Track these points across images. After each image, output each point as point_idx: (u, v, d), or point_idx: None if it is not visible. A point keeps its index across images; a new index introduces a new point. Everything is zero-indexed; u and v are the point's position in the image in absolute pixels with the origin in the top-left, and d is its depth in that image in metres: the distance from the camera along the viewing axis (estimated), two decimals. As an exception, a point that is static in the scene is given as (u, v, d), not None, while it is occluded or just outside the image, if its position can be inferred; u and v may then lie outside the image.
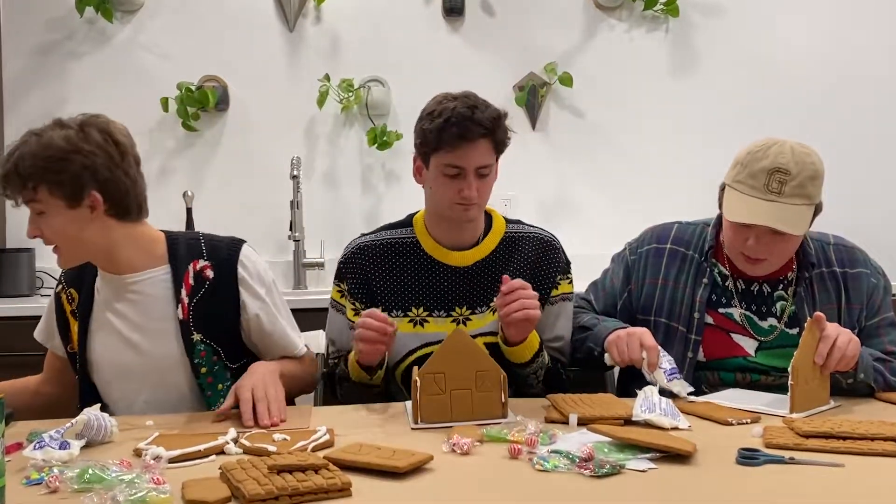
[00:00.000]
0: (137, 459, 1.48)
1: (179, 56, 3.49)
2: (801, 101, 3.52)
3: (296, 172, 3.37)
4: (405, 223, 2.10)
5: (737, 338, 1.99)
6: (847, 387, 1.87)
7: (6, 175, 1.77)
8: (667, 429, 1.61)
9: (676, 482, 1.37)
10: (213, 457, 1.51)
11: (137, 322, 1.89)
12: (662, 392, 1.75)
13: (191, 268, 1.91)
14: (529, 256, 2.04)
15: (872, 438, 1.52)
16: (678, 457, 1.45)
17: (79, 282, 1.95)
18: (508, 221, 2.10)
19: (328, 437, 1.58)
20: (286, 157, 3.40)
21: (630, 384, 1.95)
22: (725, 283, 2.02)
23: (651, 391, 1.72)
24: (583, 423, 1.63)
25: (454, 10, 3.53)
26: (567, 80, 3.49)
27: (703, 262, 2.03)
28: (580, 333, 2.04)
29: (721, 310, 2.01)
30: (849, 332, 1.79)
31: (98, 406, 1.66)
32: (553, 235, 2.12)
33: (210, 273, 1.91)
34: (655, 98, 3.58)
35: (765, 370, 1.96)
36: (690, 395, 1.84)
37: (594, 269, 2.30)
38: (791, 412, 1.71)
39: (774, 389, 1.91)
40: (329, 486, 1.29)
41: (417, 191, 2.11)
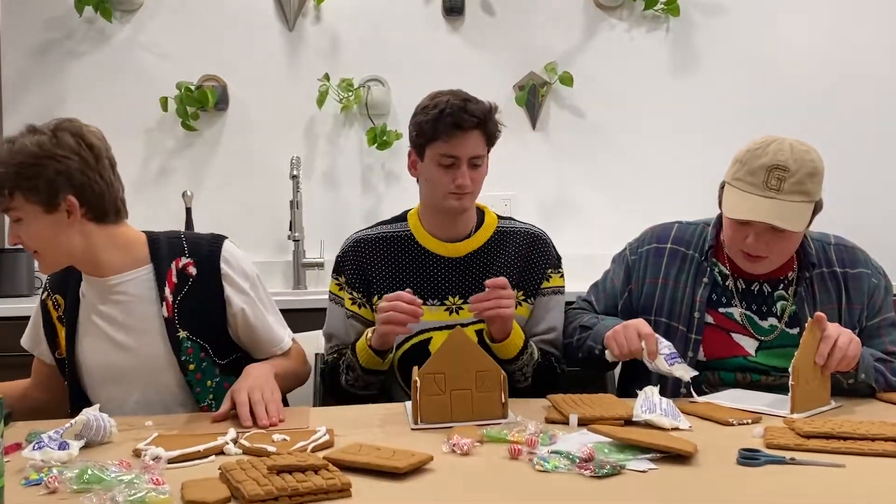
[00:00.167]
0: (137, 460, 1.47)
1: (179, 55, 3.48)
2: (802, 101, 3.51)
3: (295, 172, 3.36)
4: (400, 218, 2.18)
5: (737, 337, 1.98)
6: (848, 387, 1.87)
7: None
8: (667, 429, 1.61)
9: (677, 483, 1.37)
10: (213, 457, 1.51)
11: (123, 323, 1.89)
12: (663, 392, 1.74)
13: (173, 266, 1.91)
14: (520, 250, 2.12)
15: (873, 439, 1.52)
16: (679, 457, 1.45)
17: (63, 287, 1.95)
18: (500, 217, 2.18)
19: (328, 438, 1.58)
20: (286, 157, 3.40)
21: (631, 384, 1.95)
22: (726, 283, 2.01)
23: (651, 391, 1.72)
24: (583, 424, 1.63)
25: (454, 10, 3.52)
26: (567, 80, 3.49)
27: (704, 262, 2.03)
28: (581, 333, 2.04)
29: (721, 309, 2.00)
30: (850, 333, 1.79)
31: (97, 406, 1.66)
32: (543, 231, 2.19)
33: (193, 270, 1.92)
34: (656, 98, 3.58)
35: (765, 370, 1.96)
36: (696, 397, 1.84)
37: (594, 269, 2.30)
38: (792, 412, 1.71)
39: (775, 389, 1.90)
40: (329, 487, 1.29)
41: (417, 190, 2.13)
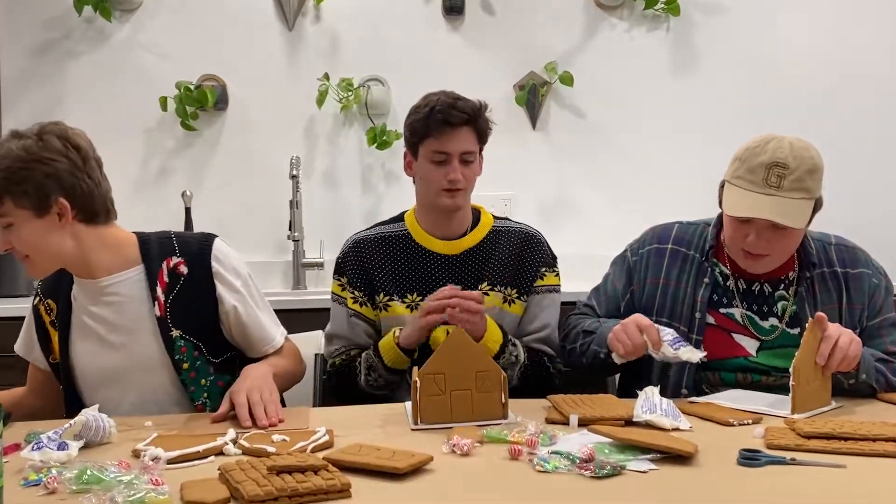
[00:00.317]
0: (136, 460, 1.47)
1: (178, 55, 3.48)
2: (802, 101, 3.50)
3: (295, 172, 3.36)
4: (397, 219, 2.23)
5: (738, 338, 1.98)
6: (849, 387, 1.86)
7: None
8: (668, 429, 1.61)
9: (677, 483, 1.37)
10: (212, 458, 1.51)
11: (116, 324, 1.89)
12: (663, 392, 1.74)
13: (164, 265, 1.91)
14: (514, 248, 2.17)
15: (874, 439, 1.52)
16: (679, 458, 1.45)
17: (55, 292, 1.94)
18: (496, 218, 2.23)
19: (327, 438, 1.57)
20: (285, 157, 3.39)
21: (631, 385, 1.94)
22: (727, 283, 2.01)
23: (652, 392, 1.71)
24: (583, 424, 1.63)
25: (454, 9, 3.52)
26: (567, 80, 3.48)
27: (704, 262, 2.02)
28: (584, 338, 2.03)
29: (722, 310, 2.00)
30: (850, 333, 1.78)
31: (96, 406, 1.66)
32: (538, 231, 2.24)
33: (184, 269, 1.92)
34: (656, 97, 3.57)
35: (766, 370, 1.96)
36: (696, 398, 1.84)
37: (594, 269, 2.30)
38: (792, 413, 1.71)
39: (776, 390, 1.90)
40: (328, 487, 1.29)
41: (415, 190, 2.14)
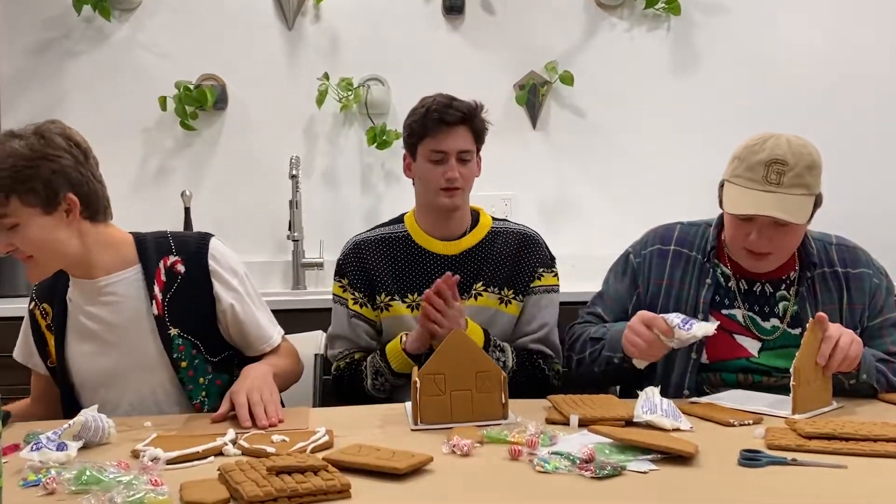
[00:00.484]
0: (135, 461, 1.47)
1: (178, 55, 3.47)
2: (802, 101, 3.50)
3: (295, 172, 3.35)
4: (397, 220, 2.26)
5: (740, 339, 1.97)
6: (850, 388, 1.86)
7: None
8: (668, 430, 1.60)
9: (678, 484, 1.37)
10: (212, 458, 1.51)
11: (114, 323, 1.88)
12: (664, 392, 1.74)
13: (161, 264, 1.91)
14: (512, 249, 2.19)
15: (875, 440, 1.52)
16: (679, 458, 1.44)
17: (51, 295, 1.94)
18: (496, 219, 2.27)
19: (327, 439, 1.57)
20: (285, 157, 3.39)
21: (632, 385, 1.93)
22: (728, 284, 2.01)
23: (652, 392, 1.71)
24: (584, 425, 1.63)
25: (454, 9, 3.51)
26: (568, 79, 3.48)
27: (706, 263, 2.02)
28: (593, 346, 2.00)
29: (724, 311, 1.99)
30: (851, 333, 1.78)
31: (95, 407, 1.65)
32: (537, 232, 2.26)
33: (181, 268, 1.92)
34: (656, 97, 3.57)
35: (767, 371, 1.95)
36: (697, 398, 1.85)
37: (594, 269, 2.30)
38: (793, 413, 1.70)
39: (776, 390, 1.90)
40: (328, 488, 1.28)
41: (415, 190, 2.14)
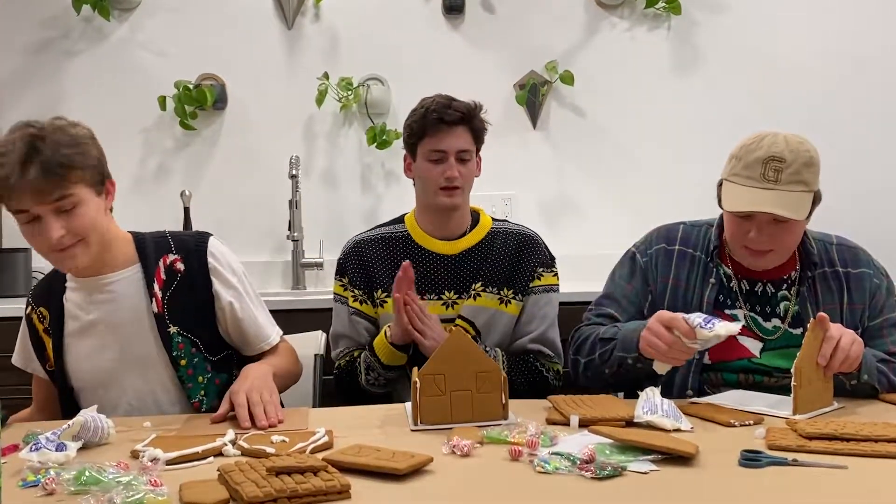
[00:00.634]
0: (135, 461, 1.47)
1: (177, 54, 3.47)
2: (803, 101, 3.49)
3: (294, 171, 3.35)
4: (397, 220, 2.29)
5: (742, 339, 1.96)
6: (850, 388, 1.86)
7: (47, 170, 1.67)
8: (669, 430, 1.60)
9: (678, 484, 1.37)
10: (212, 458, 1.51)
11: (113, 322, 1.88)
12: (665, 393, 1.73)
13: (161, 263, 1.91)
14: (511, 249, 2.22)
15: (876, 440, 1.51)
16: (680, 459, 1.44)
17: (47, 299, 1.94)
18: (495, 220, 2.29)
19: (327, 439, 1.57)
20: (285, 156, 3.38)
21: (632, 385, 1.93)
22: (730, 284, 2.00)
23: (653, 392, 1.71)
24: (584, 425, 1.63)
25: (454, 8, 3.51)
26: (568, 79, 3.48)
27: (710, 262, 2.01)
28: (603, 347, 1.96)
29: (727, 311, 1.99)
30: (852, 333, 1.78)
31: (95, 407, 1.65)
32: (536, 233, 2.29)
33: (181, 266, 1.92)
34: (657, 96, 3.56)
35: (768, 371, 1.95)
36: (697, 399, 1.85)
37: (594, 269, 2.30)
38: (794, 413, 1.70)
39: (777, 391, 1.89)
40: (328, 488, 1.28)
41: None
